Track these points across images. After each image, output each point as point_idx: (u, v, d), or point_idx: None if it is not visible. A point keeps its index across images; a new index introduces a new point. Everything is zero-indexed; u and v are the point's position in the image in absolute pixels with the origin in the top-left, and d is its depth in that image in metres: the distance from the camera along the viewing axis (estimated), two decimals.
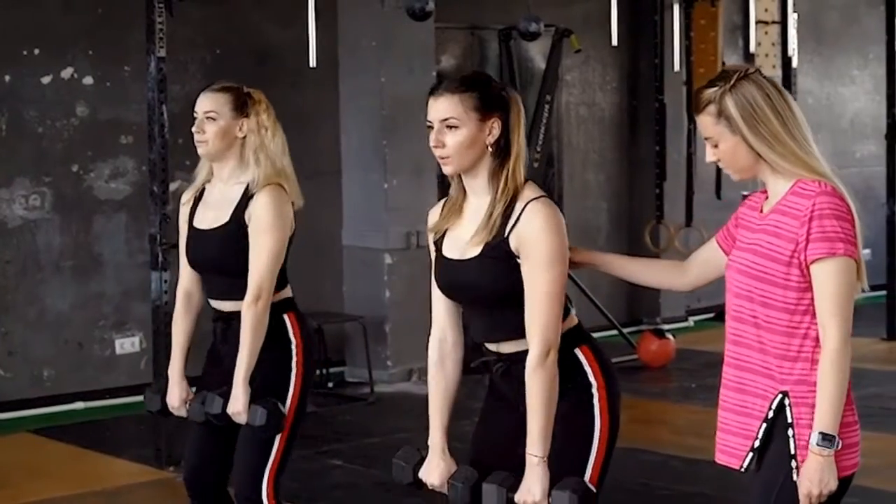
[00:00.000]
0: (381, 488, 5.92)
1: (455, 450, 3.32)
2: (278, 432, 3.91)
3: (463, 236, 3.17)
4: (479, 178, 3.16)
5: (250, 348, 3.87)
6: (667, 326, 9.43)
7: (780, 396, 2.97)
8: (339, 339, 8.41)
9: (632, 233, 10.27)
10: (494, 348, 3.22)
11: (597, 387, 3.17)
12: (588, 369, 3.17)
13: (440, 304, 3.30)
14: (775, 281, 2.95)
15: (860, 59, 12.01)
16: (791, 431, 2.95)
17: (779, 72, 9.96)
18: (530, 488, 3.06)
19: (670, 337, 8.95)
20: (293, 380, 3.95)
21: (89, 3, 7.69)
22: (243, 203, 3.93)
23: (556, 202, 3.16)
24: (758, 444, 3.01)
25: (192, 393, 4.06)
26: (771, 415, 2.98)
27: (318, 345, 7.78)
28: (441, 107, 3.13)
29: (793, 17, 9.95)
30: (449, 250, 3.21)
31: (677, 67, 9.96)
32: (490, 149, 3.14)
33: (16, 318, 7.52)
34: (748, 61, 10.48)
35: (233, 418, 3.90)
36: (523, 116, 3.19)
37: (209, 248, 4.00)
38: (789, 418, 2.95)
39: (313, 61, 7.34)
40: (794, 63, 9.87)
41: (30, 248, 7.56)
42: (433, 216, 3.30)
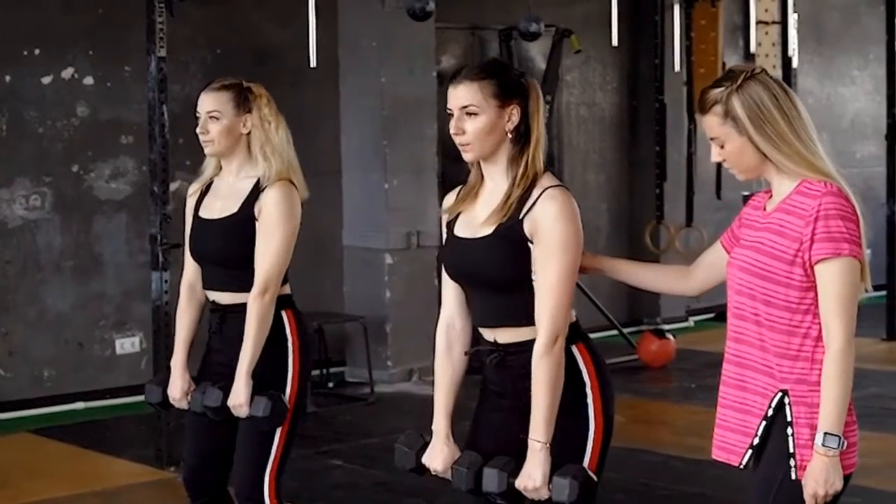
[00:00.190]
0: (381, 488, 5.92)
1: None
2: (280, 424, 3.91)
3: (477, 218, 3.19)
4: (498, 165, 3.18)
5: (255, 340, 3.87)
6: (667, 326, 9.43)
7: (779, 395, 2.97)
8: (339, 340, 8.40)
9: (632, 233, 10.27)
10: (491, 336, 3.21)
11: (590, 386, 3.17)
12: (583, 367, 3.17)
13: (449, 290, 3.31)
14: (777, 279, 2.95)
15: (860, 59, 12.01)
16: (790, 430, 2.94)
17: (779, 72, 9.95)
18: (531, 473, 3.07)
19: (670, 337, 8.94)
20: (290, 377, 3.95)
21: (89, 3, 7.69)
22: (253, 196, 3.94)
23: None
24: (757, 441, 3.01)
25: (193, 385, 4.06)
26: (770, 413, 2.98)
27: (316, 344, 7.78)
28: (460, 94, 3.15)
29: (793, 18, 9.96)
30: (461, 230, 3.23)
31: (678, 68, 9.97)
32: (510, 135, 3.16)
33: (16, 318, 7.52)
34: (748, 61, 10.46)
35: (233, 411, 3.89)
36: (542, 103, 3.21)
37: (213, 237, 4.00)
38: (788, 417, 2.95)
39: (313, 61, 7.34)
40: (795, 63, 9.90)
41: (30, 248, 7.56)
42: (449, 199, 3.33)
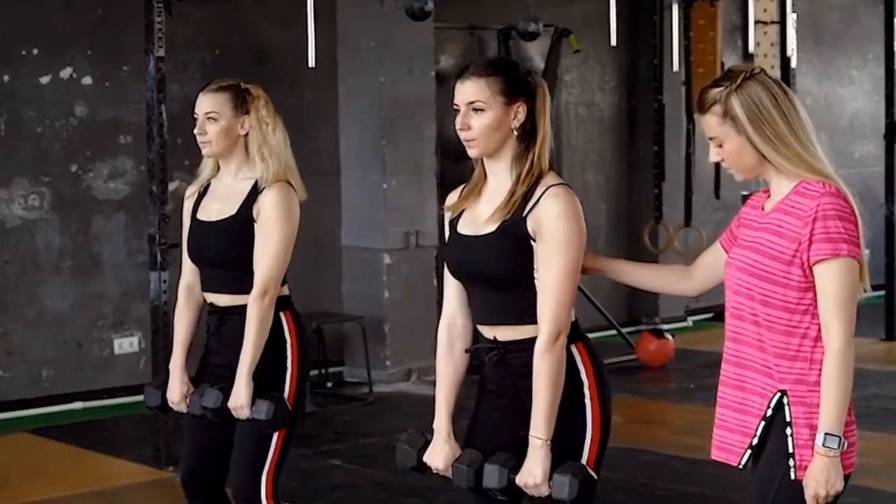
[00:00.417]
0: (381, 488, 5.92)
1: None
2: (282, 427, 3.91)
3: (480, 215, 3.20)
4: (503, 162, 3.19)
5: (255, 342, 3.87)
6: (666, 326, 9.42)
7: (778, 395, 2.97)
8: (337, 340, 8.40)
9: (631, 233, 10.27)
10: (490, 334, 3.21)
11: (588, 386, 3.17)
12: (581, 367, 3.17)
13: (451, 288, 3.31)
14: (775, 279, 2.95)
15: (859, 59, 12.01)
16: (789, 430, 2.94)
17: (777, 72, 9.94)
18: (531, 470, 3.07)
19: (669, 337, 8.94)
20: (288, 379, 3.95)
21: (88, 3, 7.69)
22: (252, 197, 3.94)
23: None
24: (756, 441, 3.01)
25: (192, 388, 4.06)
26: (769, 413, 2.98)
27: (315, 344, 7.78)
28: (467, 90, 3.16)
29: (792, 18, 9.96)
30: (464, 227, 3.24)
31: (676, 67, 9.96)
32: (515, 133, 3.16)
33: (15, 318, 7.52)
34: (747, 61, 10.46)
35: (234, 413, 3.89)
36: (549, 102, 3.22)
37: (211, 239, 4.00)
38: (787, 417, 2.95)
39: (312, 61, 7.33)
40: (793, 63, 9.89)
41: (29, 248, 7.56)
42: (452, 197, 3.34)
